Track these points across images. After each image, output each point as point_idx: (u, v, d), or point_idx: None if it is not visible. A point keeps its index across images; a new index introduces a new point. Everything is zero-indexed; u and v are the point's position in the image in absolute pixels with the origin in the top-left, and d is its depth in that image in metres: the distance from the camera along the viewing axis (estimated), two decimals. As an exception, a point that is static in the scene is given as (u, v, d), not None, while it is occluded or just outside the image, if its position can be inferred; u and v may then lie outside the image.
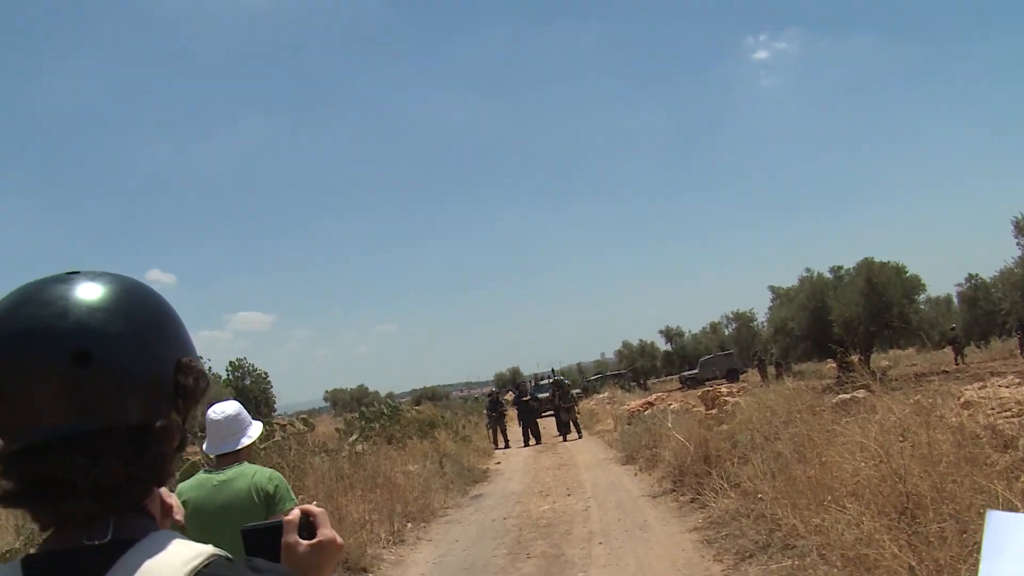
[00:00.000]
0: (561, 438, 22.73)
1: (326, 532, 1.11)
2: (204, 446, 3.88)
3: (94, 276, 0.95)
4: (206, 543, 0.94)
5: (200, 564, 0.88)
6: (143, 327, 0.94)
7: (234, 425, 3.71)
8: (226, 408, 3.74)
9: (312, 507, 1.13)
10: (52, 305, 0.89)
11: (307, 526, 1.12)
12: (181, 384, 0.95)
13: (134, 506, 0.94)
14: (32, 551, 0.93)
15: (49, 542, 0.91)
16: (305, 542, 1.09)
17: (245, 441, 3.71)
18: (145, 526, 0.93)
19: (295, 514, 1.12)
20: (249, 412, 3.87)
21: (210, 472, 3.68)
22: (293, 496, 3.72)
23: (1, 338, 0.88)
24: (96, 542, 0.88)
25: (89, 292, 0.92)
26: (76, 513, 0.89)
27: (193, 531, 3.15)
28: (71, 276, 0.94)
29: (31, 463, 0.87)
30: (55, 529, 0.91)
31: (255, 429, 3.81)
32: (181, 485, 3.73)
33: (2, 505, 0.91)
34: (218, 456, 3.71)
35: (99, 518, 0.89)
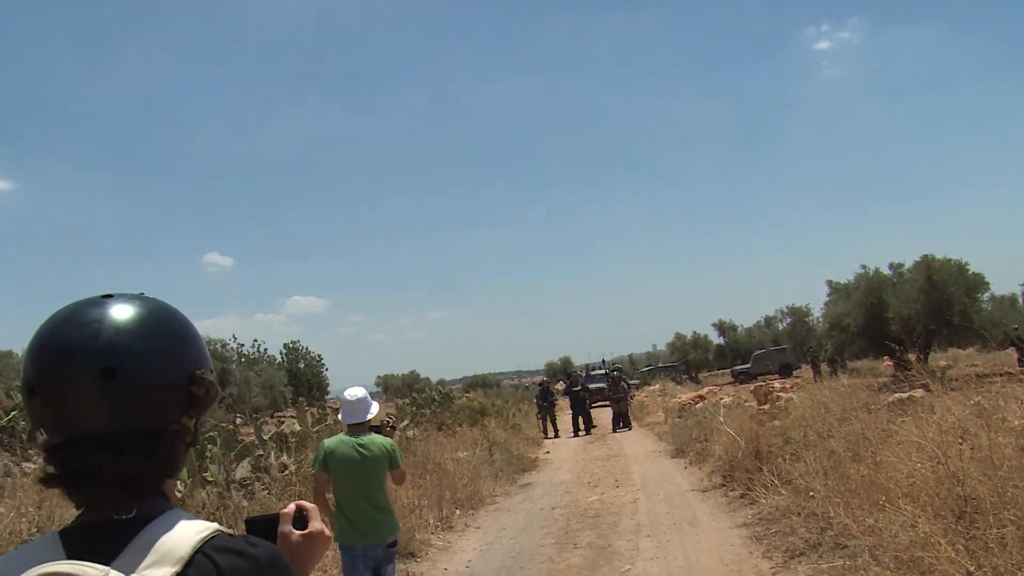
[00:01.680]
0: (611, 429, 22.69)
1: (316, 525, 1.32)
2: (340, 416, 5.47)
3: (125, 299, 1.16)
4: (353, 483, 2.81)
5: (207, 535, 1.08)
6: (162, 345, 1.15)
7: (361, 404, 5.29)
8: (356, 392, 5.31)
9: (305, 503, 1.35)
10: (88, 327, 1.11)
11: (300, 519, 1.33)
12: (193, 394, 1.16)
13: (154, 490, 1.15)
14: (66, 526, 1.13)
15: (83, 516, 1.12)
16: (298, 532, 1.31)
17: (369, 415, 5.31)
18: (163, 506, 1.14)
19: (290, 508, 1.34)
20: (302, 395, 4.62)
21: (349, 436, 5.24)
22: (402, 457, 5.44)
23: (46, 352, 1.11)
24: (123, 516, 1.09)
25: (119, 314, 1.13)
26: (101, 497, 1.10)
27: (343, 474, 5.06)
28: (106, 299, 1.15)
29: (68, 454, 1.09)
30: (88, 506, 1.12)
31: (375, 408, 5.41)
32: (326, 440, 5.37)
33: (44, 486, 1.14)
34: (350, 424, 5.28)
35: (125, 498, 1.10)
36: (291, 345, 46.51)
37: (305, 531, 1.32)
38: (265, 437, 10.80)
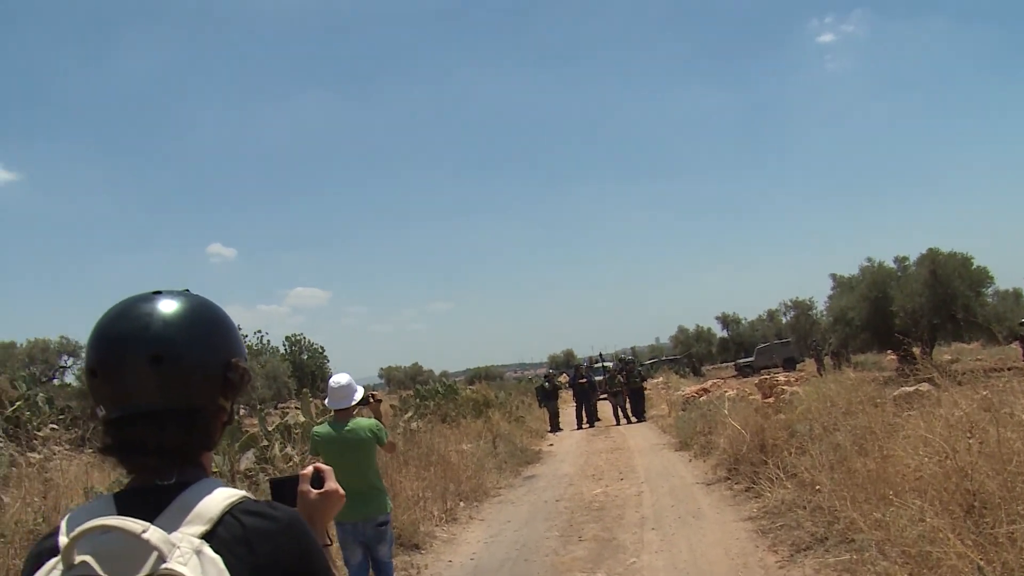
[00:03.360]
0: (614, 422, 22.70)
1: (331, 484, 1.57)
2: (326, 402, 5.76)
3: (171, 295, 1.36)
4: (341, 465, 1.96)
5: (236, 500, 1.26)
6: (203, 335, 1.34)
7: (346, 390, 5.63)
8: (340, 379, 5.68)
9: (322, 465, 1.60)
10: (139, 320, 1.31)
11: (317, 479, 1.57)
12: (229, 379, 1.36)
13: (193, 460, 1.33)
14: (119, 489, 1.32)
15: (132, 482, 1.32)
16: (315, 491, 1.56)
17: (353, 401, 5.62)
18: (199, 474, 1.32)
19: (309, 470, 1.58)
20: (305, 386, 4.86)
21: (334, 423, 5.64)
22: (387, 433, 5.77)
23: (106, 341, 1.31)
24: (165, 483, 1.27)
25: (165, 309, 1.33)
26: (147, 464, 1.29)
27: (332, 456, 5.26)
28: (155, 295, 1.35)
29: (121, 428, 1.29)
30: (137, 473, 1.32)
31: (359, 393, 5.71)
32: (316, 427, 5.84)
33: (101, 455, 1.34)
34: (336, 410, 5.63)
35: (167, 467, 1.29)
36: (293, 337, 46.62)
37: (321, 490, 1.56)
38: (269, 428, 10.77)
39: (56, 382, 27.98)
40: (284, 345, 52.23)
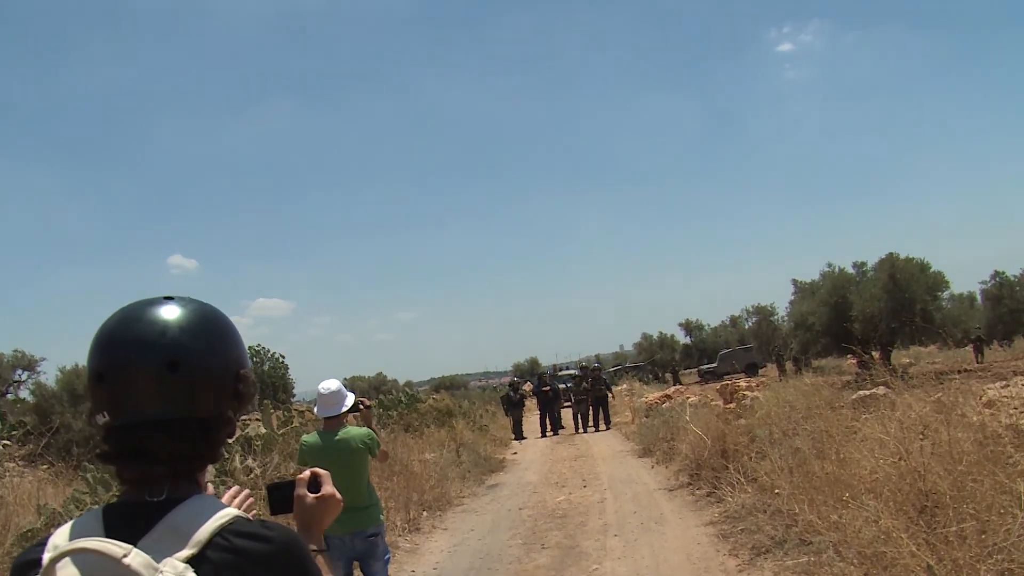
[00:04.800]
0: (577, 430, 22.73)
1: (328, 489, 1.59)
2: (316, 410, 5.43)
3: (183, 302, 1.32)
4: (333, 477, 1.62)
5: (227, 521, 1.21)
6: (217, 344, 1.31)
7: (336, 397, 5.27)
8: (330, 385, 5.27)
9: (319, 470, 1.61)
10: (156, 324, 1.26)
11: (314, 483, 1.58)
12: (239, 389, 1.33)
13: (188, 475, 1.29)
14: (110, 502, 1.30)
15: (122, 496, 1.28)
16: (312, 495, 1.57)
17: (343, 408, 5.28)
18: (192, 490, 1.27)
19: (306, 474, 1.59)
20: (267, 398, 4.65)
21: (323, 432, 5.30)
22: (379, 442, 5.40)
23: (117, 344, 1.26)
24: (155, 499, 1.23)
25: (179, 314, 1.29)
26: (150, 474, 1.24)
27: (321, 467, 4.42)
28: (167, 300, 1.31)
29: (127, 435, 1.24)
30: (128, 487, 1.27)
31: (349, 399, 5.35)
32: (305, 436, 5.48)
33: (101, 462, 1.34)
34: (325, 418, 5.29)
35: (161, 481, 1.24)
36: (254, 348, 46.15)
37: (318, 494, 1.57)
38: (230, 440, 10.69)
39: (10, 397, 27.38)
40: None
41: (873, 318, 25.76)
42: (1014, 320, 36.03)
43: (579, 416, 23.17)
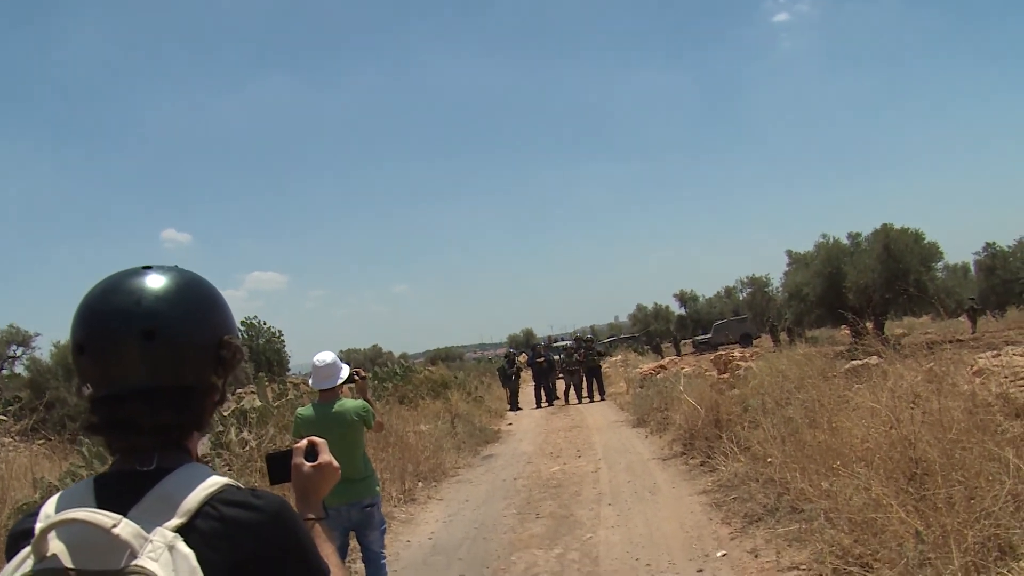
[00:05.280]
0: (570, 400, 22.81)
1: (325, 457, 1.58)
2: (311, 382, 5.47)
3: (163, 270, 1.31)
4: (330, 446, 1.62)
5: (216, 490, 1.21)
6: (196, 311, 1.30)
7: (331, 370, 5.30)
8: (325, 357, 5.30)
9: (316, 439, 1.60)
10: (132, 294, 1.25)
11: (312, 452, 1.58)
12: (222, 356, 1.31)
13: (178, 444, 1.29)
14: (101, 472, 1.29)
15: (113, 466, 1.27)
16: (309, 464, 1.57)
17: (339, 380, 5.30)
18: (182, 459, 1.27)
19: (303, 443, 1.59)
20: (262, 371, 4.64)
21: (318, 405, 5.33)
22: (375, 414, 5.43)
23: (96, 316, 1.25)
24: (145, 468, 1.23)
25: (157, 283, 1.28)
26: (137, 444, 1.24)
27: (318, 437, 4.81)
28: (146, 270, 1.30)
29: (112, 406, 1.24)
30: (118, 457, 1.27)
31: (345, 371, 5.39)
32: (300, 409, 5.61)
33: (88, 434, 1.34)
34: (321, 390, 5.33)
35: (149, 451, 1.24)
36: (248, 321, 46.11)
37: (315, 463, 1.57)
38: (225, 413, 10.69)
39: (5, 372, 27.41)
40: (240, 330, 51.68)
41: (867, 288, 25.79)
42: (1007, 290, 36.06)
43: (571, 387, 23.24)
